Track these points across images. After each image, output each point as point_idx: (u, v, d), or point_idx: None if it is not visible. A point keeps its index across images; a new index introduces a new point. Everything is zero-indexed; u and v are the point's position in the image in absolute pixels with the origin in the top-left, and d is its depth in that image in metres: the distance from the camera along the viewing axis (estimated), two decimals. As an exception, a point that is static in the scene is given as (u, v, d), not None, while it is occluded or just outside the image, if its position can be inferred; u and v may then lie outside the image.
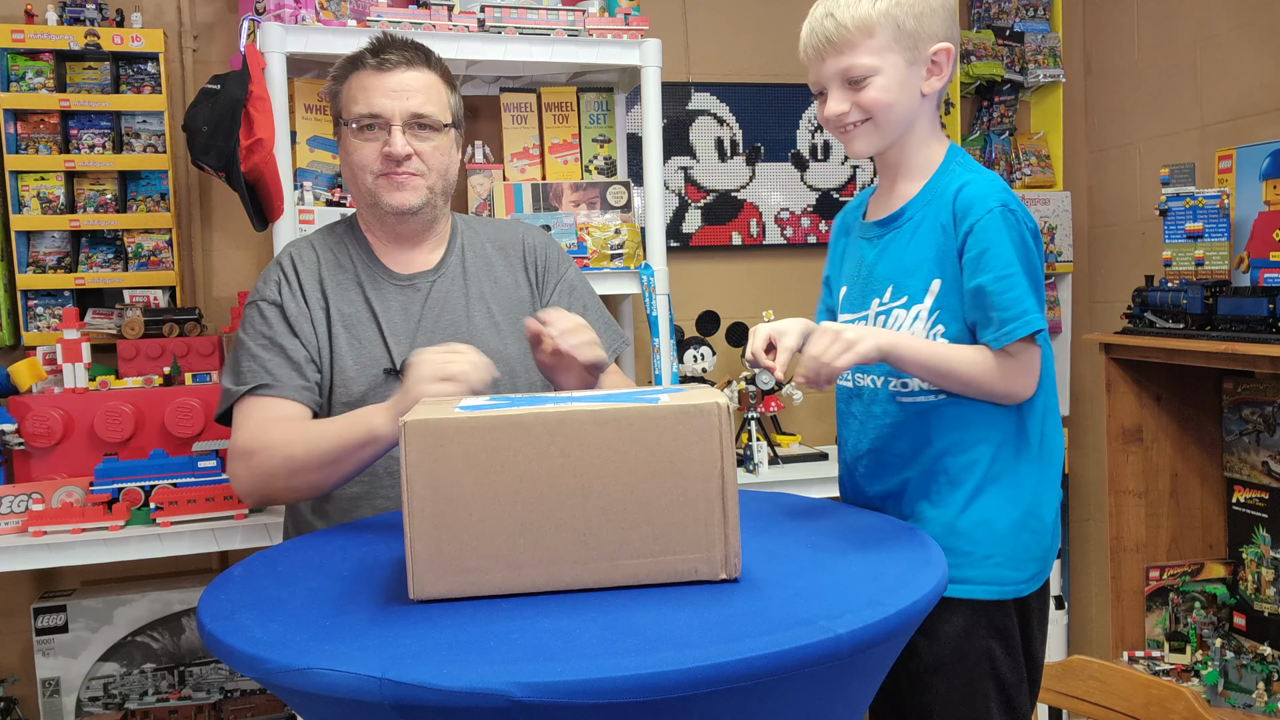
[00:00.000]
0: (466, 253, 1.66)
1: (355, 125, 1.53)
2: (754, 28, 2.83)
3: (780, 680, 0.84)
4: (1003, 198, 1.26)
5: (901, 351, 1.25)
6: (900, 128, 1.33)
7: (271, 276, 1.58)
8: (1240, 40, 2.46)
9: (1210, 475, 2.54)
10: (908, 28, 1.28)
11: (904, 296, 1.32)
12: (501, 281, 1.66)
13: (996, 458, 1.29)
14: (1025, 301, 1.23)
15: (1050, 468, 1.32)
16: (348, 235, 1.64)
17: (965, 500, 1.30)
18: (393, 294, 1.59)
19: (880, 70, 1.28)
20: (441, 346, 1.34)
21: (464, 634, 0.89)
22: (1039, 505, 1.31)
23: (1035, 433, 1.31)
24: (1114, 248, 2.95)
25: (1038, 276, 1.26)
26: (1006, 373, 1.26)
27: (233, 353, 1.56)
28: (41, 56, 2.24)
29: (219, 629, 0.95)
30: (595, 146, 2.51)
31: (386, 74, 1.53)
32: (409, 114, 1.53)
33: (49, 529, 1.90)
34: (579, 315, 1.51)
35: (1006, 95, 2.93)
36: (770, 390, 2.63)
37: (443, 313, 1.60)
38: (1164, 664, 2.41)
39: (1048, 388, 1.33)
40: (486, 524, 0.98)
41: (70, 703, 2.17)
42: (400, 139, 1.52)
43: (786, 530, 1.25)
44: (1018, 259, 1.24)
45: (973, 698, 1.28)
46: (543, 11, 2.21)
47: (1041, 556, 1.31)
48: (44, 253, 2.30)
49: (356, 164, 1.55)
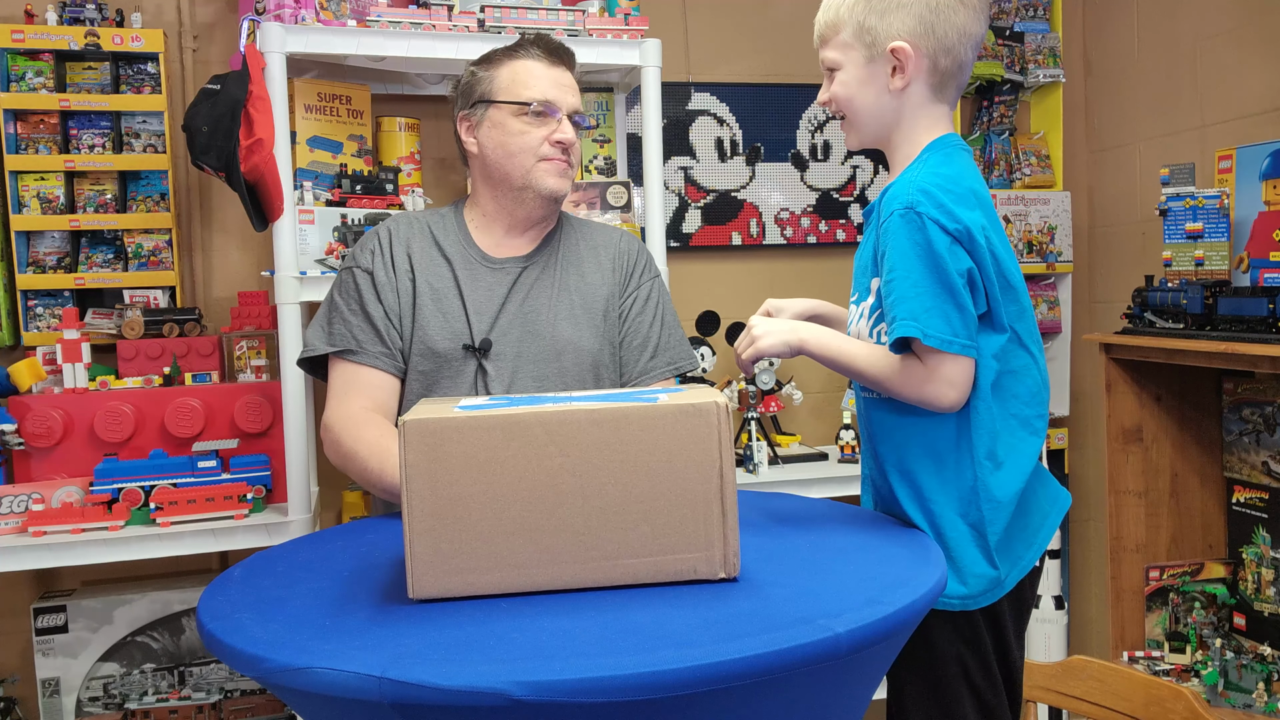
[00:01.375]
0: (561, 245, 1.74)
1: (530, 108, 1.62)
2: (754, 28, 2.83)
3: (779, 679, 0.84)
4: (911, 199, 1.21)
5: (810, 347, 1.27)
6: (871, 124, 1.35)
7: (368, 245, 1.68)
8: (1240, 40, 2.46)
9: (1210, 475, 2.54)
10: (867, 24, 1.30)
11: (857, 293, 1.36)
12: (588, 278, 1.72)
13: (942, 467, 1.26)
14: (907, 304, 1.19)
15: (1003, 486, 1.25)
16: (449, 217, 1.73)
17: (916, 508, 1.28)
18: (482, 274, 1.67)
19: (842, 65, 1.33)
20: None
21: (464, 634, 0.89)
22: (983, 523, 1.25)
23: (982, 446, 1.25)
24: (1114, 248, 2.95)
25: (947, 280, 1.19)
26: (910, 377, 1.21)
27: (324, 308, 1.68)
28: (41, 56, 2.24)
29: (219, 629, 0.95)
30: (595, 146, 2.51)
31: (557, 67, 1.67)
32: (573, 108, 1.67)
33: (49, 529, 1.90)
34: (644, 328, 1.71)
35: (1006, 95, 2.93)
36: (770, 390, 2.63)
37: (528, 297, 1.66)
38: (1164, 664, 2.41)
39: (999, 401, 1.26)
40: (485, 524, 0.98)
41: (70, 703, 2.17)
42: (571, 129, 1.65)
43: (786, 530, 1.25)
44: (908, 262, 1.20)
45: (946, 701, 1.28)
46: (543, 11, 2.21)
47: (992, 575, 1.26)
48: (44, 253, 2.30)
49: (519, 146, 1.64)
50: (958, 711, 1.27)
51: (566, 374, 1.65)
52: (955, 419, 1.25)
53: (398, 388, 1.65)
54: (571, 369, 1.65)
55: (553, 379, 1.64)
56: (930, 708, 1.28)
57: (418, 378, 1.63)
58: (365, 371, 1.62)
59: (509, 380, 1.62)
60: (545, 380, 1.64)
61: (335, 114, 2.27)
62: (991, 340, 1.24)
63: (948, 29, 1.29)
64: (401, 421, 0.98)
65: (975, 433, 1.25)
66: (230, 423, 2.10)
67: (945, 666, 1.27)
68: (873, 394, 1.34)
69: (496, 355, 1.62)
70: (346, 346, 1.62)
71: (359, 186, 2.20)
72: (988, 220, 1.25)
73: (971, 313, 1.21)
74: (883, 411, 1.32)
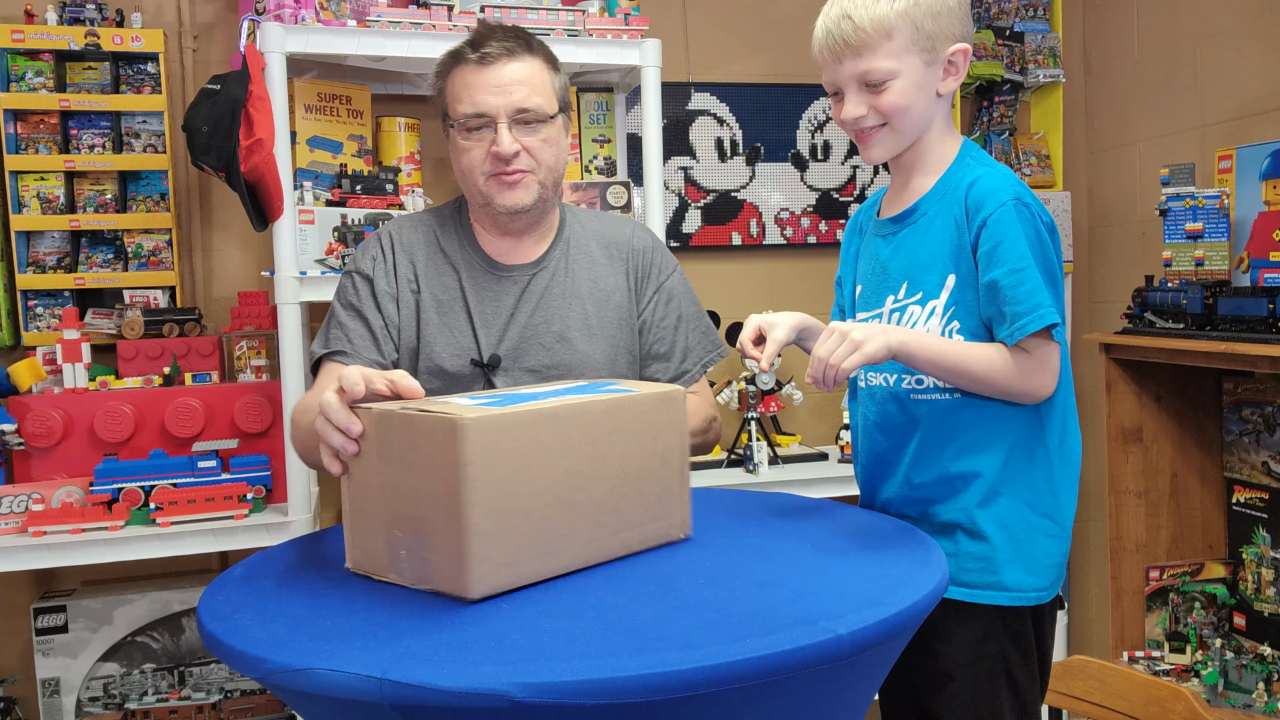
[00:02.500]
0: (572, 248, 1.62)
1: (462, 125, 1.50)
2: (754, 28, 2.83)
3: (781, 680, 0.84)
4: (1016, 191, 1.23)
5: (913, 349, 1.22)
6: (917, 130, 1.31)
7: (370, 250, 1.58)
8: (1240, 40, 2.46)
9: (1210, 475, 2.54)
10: (925, 28, 1.25)
11: (919, 292, 1.30)
12: (602, 283, 1.61)
13: (1011, 459, 1.27)
14: (1039, 295, 1.20)
15: (1068, 471, 1.30)
16: (453, 219, 1.62)
17: (980, 504, 1.27)
18: (489, 283, 1.57)
19: (899, 73, 1.26)
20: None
21: (464, 634, 0.89)
22: (1058, 510, 1.28)
23: (1054, 434, 1.28)
24: (1114, 248, 2.94)
25: (1054, 271, 1.23)
26: (1023, 370, 1.22)
27: (326, 317, 1.58)
28: (41, 56, 2.24)
29: (219, 629, 0.95)
30: (595, 146, 2.51)
31: (488, 68, 1.49)
32: (514, 109, 1.49)
33: (49, 529, 1.90)
34: (665, 331, 1.61)
35: (1006, 95, 2.93)
36: (770, 390, 2.63)
37: (538, 308, 1.56)
38: (1164, 664, 2.41)
39: (1066, 387, 1.30)
40: (530, 514, 1.01)
41: (70, 703, 2.17)
42: (507, 137, 1.48)
43: (787, 530, 1.25)
44: (1031, 253, 1.21)
45: (985, 700, 1.27)
46: (543, 11, 2.21)
47: (1061, 562, 1.29)
48: (44, 253, 2.30)
49: (466, 165, 1.52)
50: (995, 709, 1.27)
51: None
52: (1032, 410, 1.27)
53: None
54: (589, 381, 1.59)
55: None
56: (964, 706, 1.27)
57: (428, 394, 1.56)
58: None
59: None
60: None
61: (335, 114, 2.27)
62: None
63: (970, 29, 1.31)
64: (459, 420, 0.95)
65: (1049, 423, 1.27)
66: (230, 423, 2.10)
67: (989, 662, 1.27)
68: (934, 393, 1.29)
69: (506, 371, 1.54)
70: (339, 348, 1.53)
71: (359, 186, 2.20)
72: None
73: (1063, 305, 1.25)
74: (967, 409, 1.28)
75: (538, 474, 1.01)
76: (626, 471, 1.10)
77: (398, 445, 1.02)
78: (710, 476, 2.50)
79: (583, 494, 1.06)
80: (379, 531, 1.06)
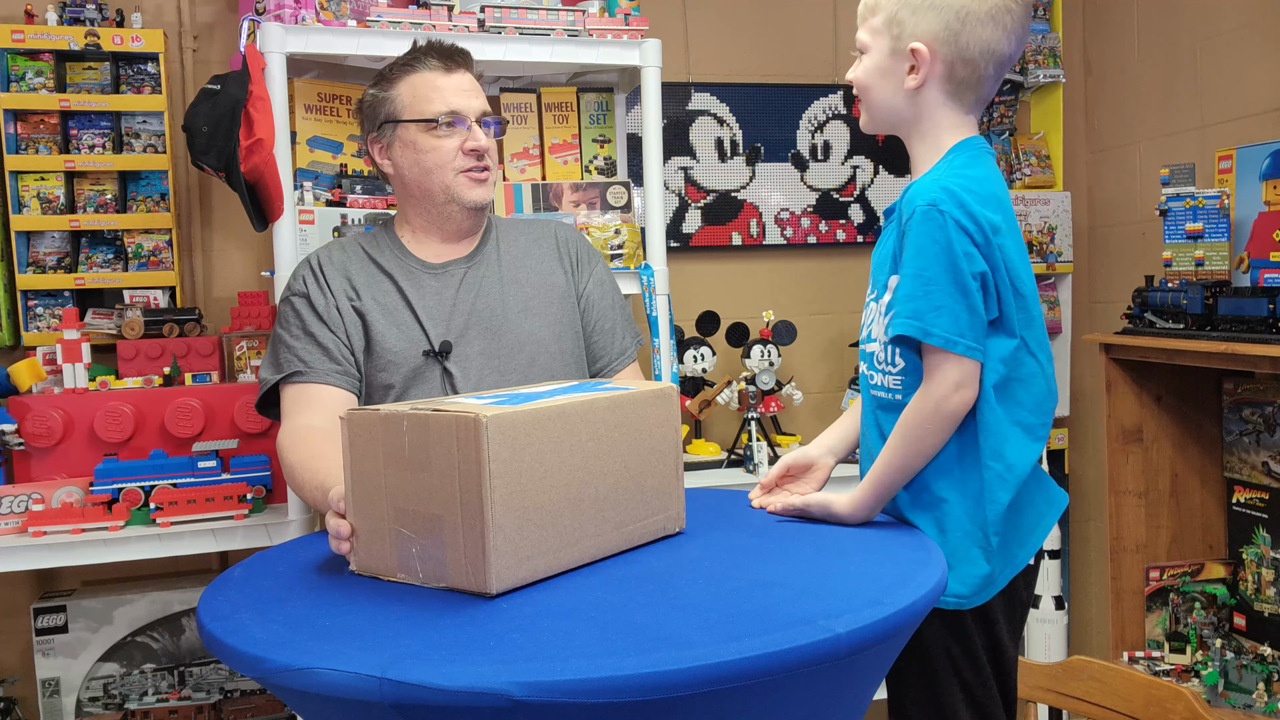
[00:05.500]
0: (501, 243, 1.74)
1: (438, 123, 1.60)
2: (754, 28, 2.83)
3: (780, 680, 0.84)
4: (934, 197, 1.21)
5: (877, 490, 1.27)
6: (881, 113, 1.34)
7: (300, 273, 1.66)
8: (1241, 40, 2.46)
9: (1210, 475, 2.54)
10: (899, 16, 1.29)
11: (875, 291, 1.35)
12: (537, 268, 1.72)
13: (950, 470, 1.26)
14: (916, 301, 1.20)
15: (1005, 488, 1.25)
16: (380, 234, 1.72)
17: (917, 509, 1.29)
18: (426, 281, 1.66)
19: (869, 51, 1.33)
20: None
21: (464, 634, 0.89)
22: (987, 525, 1.25)
23: (988, 450, 1.25)
24: (1114, 248, 2.95)
25: (961, 281, 1.19)
26: (926, 398, 1.22)
27: (270, 347, 1.65)
28: (41, 56, 2.24)
29: (219, 629, 0.95)
30: (595, 147, 2.51)
31: (453, 74, 1.64)
32: (480, 111, 1.64)
33: (49, 529, 1.90)
34: (606, 308, 1.74)
35: (1006, 95, 2.93)
36: (770, 390, 2.63)
37: (477, 297, 1.66)
38: (1164, 664, 2.41)
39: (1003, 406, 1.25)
40: (545, 509, 1.03)
41: (70, 703, 2.17)
42: (482, 132, 1.62)
43: (786, 530, 1.25)
44: (929, 259, 1.20)
45: (939, 698, 1.28)
46: (543, 11, 2.20)
47: (988, 573, 1.26)
48: (44, 253, 2.30)
49: (434, 162, 1.61)
50: (950, 705, 1.28)
51: (535, 364, 1.64)
52: (964, 421, 1.25)
53: (352, 401, 1.61)
54: (540, 359, 1.65)
55: (518, 373, 1.63)
56: (924, 702, 1.29)
57: (387, 393, 1.60)
58: (313, 389, 1.58)
59: (475, 380, 1.60)
60: (511, 375, 1.63)
61: (335, 114, 2.27)
62: (1002, 344, 1.24)
63: (971, 41, 1.27)
64: (483, 417, 0.97)
65: (981, 435, 1.25)
66: (230, 423, 2.10)
67: (935, 661, 1.28)
68: (887, 395, 1.32)
69: (459, 357, 1.61)
70: (294, 369, 1.58)
71: (359, 186, 2.20)
72: (1006, 226, 1.25)
73: (981, 316, 1.21)
74: (895, 414, 1.30)
75: (551, 470, 1.04)
76: (628, 467, 1.14)
77: (407, 446, 1.02)
78: (710, 476, 2.50)
79: (590, 489, 1.09)
80: (386, 533, 1.06)
